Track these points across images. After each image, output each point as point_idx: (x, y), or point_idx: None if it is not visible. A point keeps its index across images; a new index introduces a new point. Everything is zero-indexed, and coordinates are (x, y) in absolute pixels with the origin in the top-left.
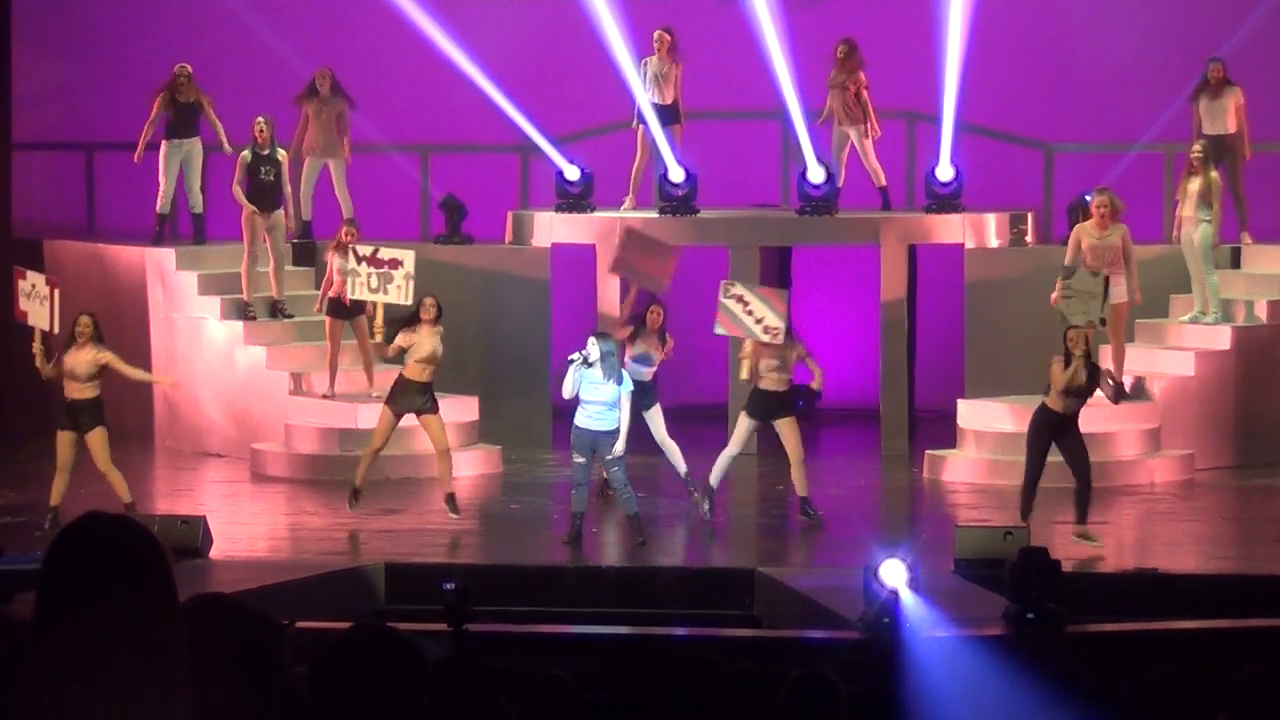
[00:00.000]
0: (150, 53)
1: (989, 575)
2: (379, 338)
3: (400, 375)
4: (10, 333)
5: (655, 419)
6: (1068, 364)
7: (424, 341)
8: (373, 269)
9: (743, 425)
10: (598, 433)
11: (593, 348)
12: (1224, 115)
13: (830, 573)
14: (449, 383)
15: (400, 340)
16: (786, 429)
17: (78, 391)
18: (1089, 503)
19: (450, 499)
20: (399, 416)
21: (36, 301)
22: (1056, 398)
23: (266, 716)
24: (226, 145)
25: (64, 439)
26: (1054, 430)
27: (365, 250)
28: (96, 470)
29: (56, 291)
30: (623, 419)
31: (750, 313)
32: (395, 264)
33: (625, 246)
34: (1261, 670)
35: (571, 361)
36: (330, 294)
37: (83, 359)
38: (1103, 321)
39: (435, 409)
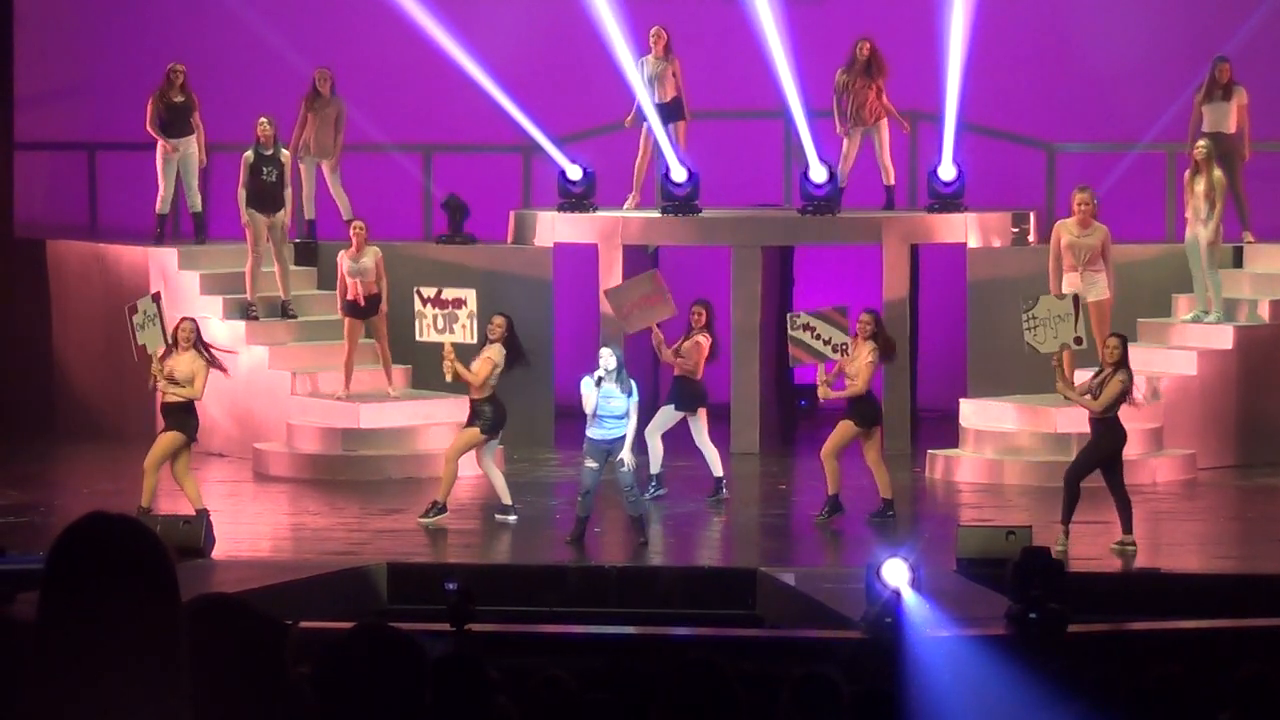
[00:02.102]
0: (152, 53)
1: (991, 575)
2: (449, 377)
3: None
4: (12, 334)
5: (698, 422)
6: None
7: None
8: (438, 310)
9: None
10: (614, 440)
11: (607, 358)
12: (1228, 115)
13: (832, 572)
14: (451, 383)
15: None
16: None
17: (170, 395)
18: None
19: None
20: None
21: (150, 327)
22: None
23: (269, 716)
24: (203, 155)
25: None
26: None
27: (429, 292)
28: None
29: (160, 303)
30: (630, 426)
31: (818, 337)
32: (459, 304)
33: (617, 308)
34: (1263, 670)
35: (599, 381)
36: (348, 297)
37: (181, 363)
38: (1078, 341)
39: (469, 423)
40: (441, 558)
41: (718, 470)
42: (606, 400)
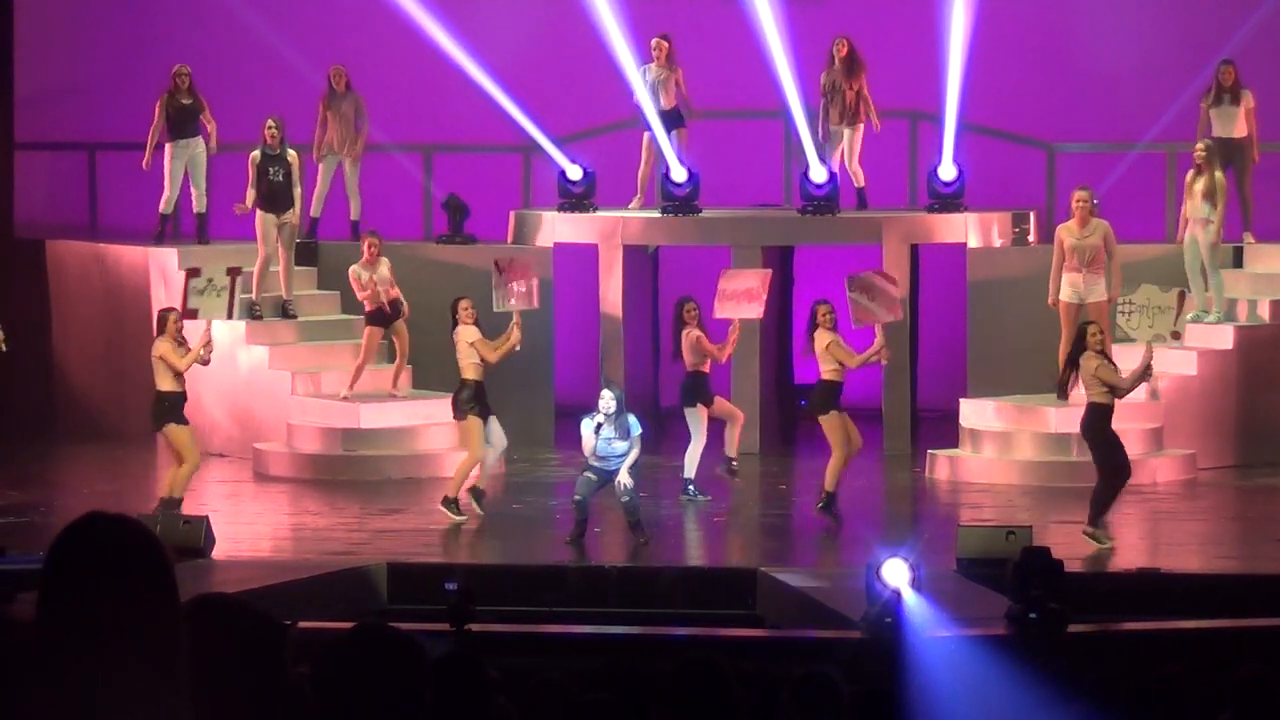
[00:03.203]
0: (152, 53)
1: (991, 575)
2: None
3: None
4: (12, 334)
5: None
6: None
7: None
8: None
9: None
10: (614, 470)
11: (607, 402)
12: (1234, 118)
13: (833, 572)
14: (452, 382)
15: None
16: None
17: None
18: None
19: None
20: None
21: (212, 295)
22: (1105, 393)
23: (269, 716)
24: (214, 144)
25: (186, 432)
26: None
27: (505, 260)
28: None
29: (238, 279)
30: (631, 456)
31: (874, 299)
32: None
33: (723, 290)
34: (1263, 670)
35: (598, 425)
36: (370, 307)
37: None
38: (1175, 335)
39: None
40: (441, 558)
41: (691, 470)
42: (607, 443)
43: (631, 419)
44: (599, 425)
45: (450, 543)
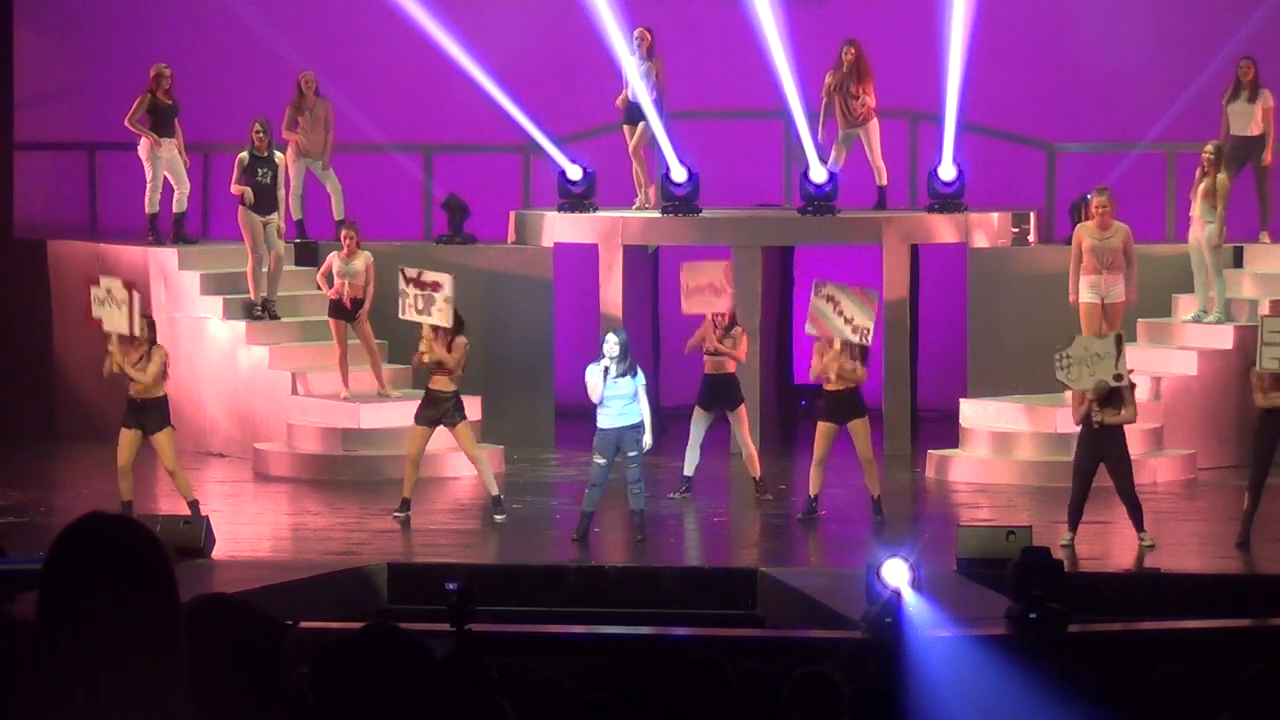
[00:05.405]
0: (152, 53)
1: (991, 575)
2: (426, 359)
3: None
4: (12, 334)
5: (737, 419)
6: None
7: (432, 349)
8: (418, 291)
9: (824, 432)
10: (622, 429)
11: (611, 345)
12: (1250, 118)
13: (833, 572)
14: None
15: (422, 348)
16: (861, 430)
17: (146, 391)
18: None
19: (496, 501)
20: (430, 426)
21: (113, 307)
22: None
23: (269, 716)
24: (185, 158)
25: (128, 438)
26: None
27: (412, 272)
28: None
29: (135, 294)
30: (644, 410)
31: (840, 313)
32: (436, 286)
33: (685, 284)
34: (1264, 670)
35: (605, 369)
36: (330, 296)
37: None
38: (1117, 379)
39: (457, 418)
40: (441, 558)
41: (755, 471)
42: (613, 384)
43: (636, 365)
44: (606, 369)
45: (450, 543)
